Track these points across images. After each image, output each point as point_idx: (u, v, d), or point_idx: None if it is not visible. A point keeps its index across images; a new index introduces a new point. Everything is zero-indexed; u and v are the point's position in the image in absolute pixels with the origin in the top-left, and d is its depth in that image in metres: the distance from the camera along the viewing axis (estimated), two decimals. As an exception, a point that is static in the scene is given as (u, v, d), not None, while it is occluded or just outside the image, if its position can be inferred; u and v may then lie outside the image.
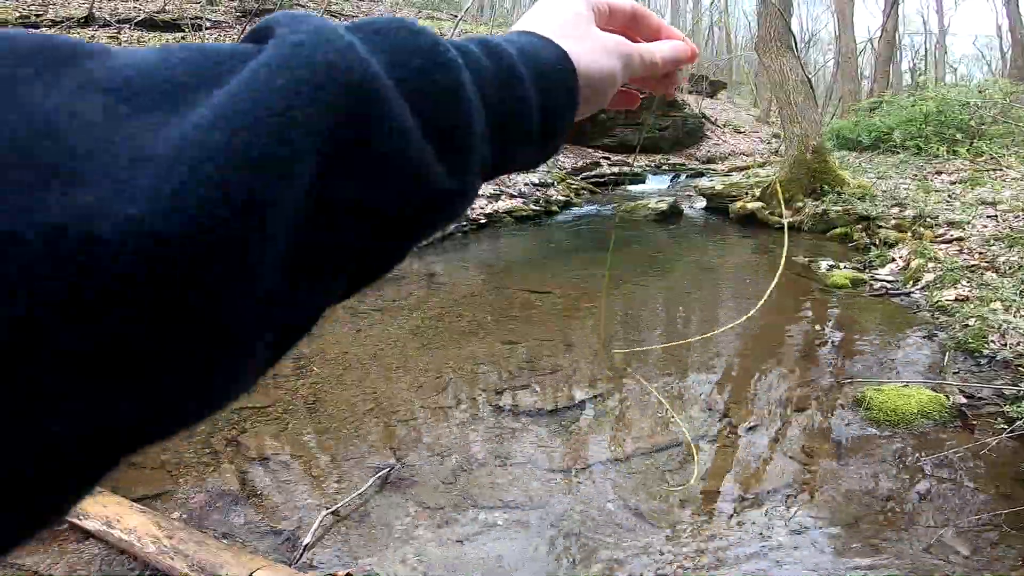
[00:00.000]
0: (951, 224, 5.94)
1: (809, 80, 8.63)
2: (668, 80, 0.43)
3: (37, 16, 9.28)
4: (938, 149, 8.02)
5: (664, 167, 16.11)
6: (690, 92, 24.12)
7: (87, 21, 9.45)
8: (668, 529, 2.16)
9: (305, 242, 0.21)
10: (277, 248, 0.19)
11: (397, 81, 0.23)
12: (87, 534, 2.02)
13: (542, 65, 0.31)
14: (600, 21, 0.37)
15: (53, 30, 8.65)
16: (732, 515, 2.23)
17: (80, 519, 2.03)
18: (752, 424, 2.90)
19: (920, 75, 23.27)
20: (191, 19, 10.17)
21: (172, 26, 10.24)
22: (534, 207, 9.28)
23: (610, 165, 14.81)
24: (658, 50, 0.40)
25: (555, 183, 11.08)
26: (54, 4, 10.14)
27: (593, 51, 0.35)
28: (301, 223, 0.20)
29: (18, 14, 9.15)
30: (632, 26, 0.41)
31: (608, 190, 13.09)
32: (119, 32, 9.47)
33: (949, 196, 7.01)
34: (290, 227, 0.19)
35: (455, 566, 1.98)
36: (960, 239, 5.52)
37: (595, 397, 3.17)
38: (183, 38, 9.55)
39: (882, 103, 13.26)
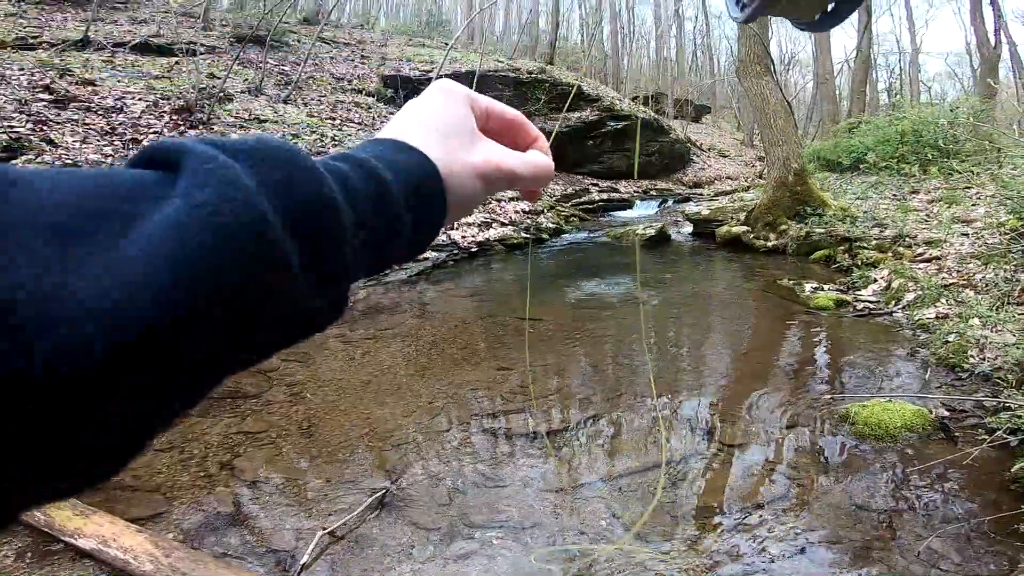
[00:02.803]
0: (929, 243, 6.11)
1: (788, 103, 8.88)
2: (532, 194, 0.48)
3: (34, 38, 9.34)
4: (911, 169, 8.26)
5: (652, 192, 16.38)
6: (675, 117, 24.65)
7: (83, 44, 9.51)
8: (661, 545, 2.19)
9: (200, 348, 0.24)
10: (185, 356, 0.23)
11: (284, 221, 0.26)
12: (82, 553, 2.02)
13: (416, 185, 0.36)
14: (479, 123, 0.42)
15: (50, 52, 8.71)
16: (723, 531, 2.27)
17: (75, 538, 2.02)
18: (741, 442, 2.95)
19: (896, 95, 23.94)
20: (186, 44, 10.28)
21: (166, 50, 10.34)
22: (524, 235, 9.39)
23: (599, 192, 15.04)
24: (520, 165, 0.43)
25: (545, 210, 11.23)
26: (50, 26, 10.27)
27: (463, 172, 0.39)
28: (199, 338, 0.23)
29: (15, 35, 9.19)
30: (509, 132, 0.46)
31: (598, 216, 13.28)
32: (114, 55, 9.56)
33: (926, 215, 7.21)
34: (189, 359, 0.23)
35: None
36: (938, 258, 5.67)
37: (587, 419, 3.22)
38: (177, 63, 9.64)
39: (860, 124, 13.64)
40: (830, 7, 0.48)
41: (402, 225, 0.34)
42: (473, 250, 8.31)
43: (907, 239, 6.40)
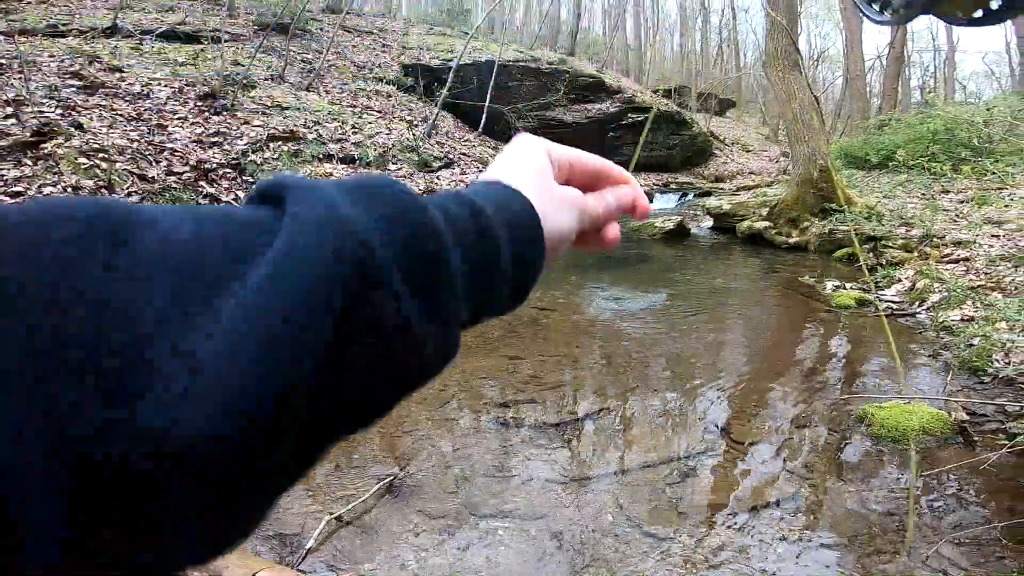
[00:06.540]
0: (957, 244, 5.95)
1: (816, 98, 8.69)
2: (604, 240, 0.45)
3: (64, 25, 9.50)
4: (943, 168, 8.03)
5: (672, 186, 16.16)
6: (699, 110, 24.28)
7: (112, 32, 9.64)
8: (667, 541, 2.18)
9: (316, 407, 0.24)
10: (299, 422, 0.23)
11: (393, 255, 0.25)
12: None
13: (515, 220, 0.35)
14: (559, 176, 0.42)
15: (79, 40, 8.85)
16: (731, 528, 2.25)
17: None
18: (753, 440, 2.91)
19: (929, 92, 23.30)
20: (211, 31, 10.37)
21: (192, 38, 10.43)
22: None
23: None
24: (602, 203, 0.44)
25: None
26: (80, 13, 10.43)
27: (556, 207, 0.39)
28: (315, 396, 0.23)
29: (46, 23, 9.35)
30: (593, 182, 0.45)
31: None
32: (141, 43, 9.68)
33: (956, 215, 7.02)
34: (305, 404, 0.23)
35: (455, 573, 2.01)
36: (966, 259, 5.52)
37: (598, 412, 3.20)
38: (202, 50, 9.73)
39: (891, 121, 13.30)
40: (995, 4, 0.43)
41: (505, 264, 0.33)
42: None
43: (934, 239, 6.23)
